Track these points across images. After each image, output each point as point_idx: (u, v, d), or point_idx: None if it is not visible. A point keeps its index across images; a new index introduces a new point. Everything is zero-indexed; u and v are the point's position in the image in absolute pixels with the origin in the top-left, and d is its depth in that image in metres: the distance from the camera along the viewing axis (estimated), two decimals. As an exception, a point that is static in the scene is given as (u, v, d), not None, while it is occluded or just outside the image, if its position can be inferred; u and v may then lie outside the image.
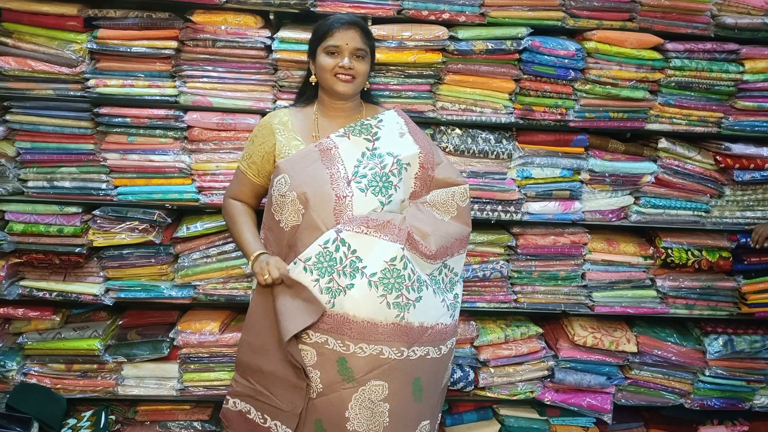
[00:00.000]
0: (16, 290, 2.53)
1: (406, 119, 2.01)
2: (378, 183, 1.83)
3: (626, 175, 2.58)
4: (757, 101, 2.51)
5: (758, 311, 2.71)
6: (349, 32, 1.84)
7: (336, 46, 1.84)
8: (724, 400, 2.80)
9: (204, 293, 2.60)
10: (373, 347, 1.71)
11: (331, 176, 1.81)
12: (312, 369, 1.74)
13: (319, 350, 1.73)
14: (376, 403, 1.73)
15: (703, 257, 2.64)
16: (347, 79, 1.86)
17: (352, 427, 1.73)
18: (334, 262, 1.73)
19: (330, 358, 1.72)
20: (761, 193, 2.63)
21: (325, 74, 1.87)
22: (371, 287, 1.71)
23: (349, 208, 1.77)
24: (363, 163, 1.85)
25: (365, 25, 1.92)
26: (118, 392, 2.66)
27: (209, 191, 2.50)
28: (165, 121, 2.41)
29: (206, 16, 2.33)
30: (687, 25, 2.44)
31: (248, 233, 1.93)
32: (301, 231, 1.79)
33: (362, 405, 1.73)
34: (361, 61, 1.88)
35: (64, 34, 2.33)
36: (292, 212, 1.81)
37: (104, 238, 2.49)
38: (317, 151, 1.85)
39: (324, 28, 1.87)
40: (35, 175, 2.45)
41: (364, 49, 1.88)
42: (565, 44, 2.39)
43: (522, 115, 2.49)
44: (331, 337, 1.72)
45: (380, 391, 1.73)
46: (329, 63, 1.86)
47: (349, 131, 1.89)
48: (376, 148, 1.89)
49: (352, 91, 1.90)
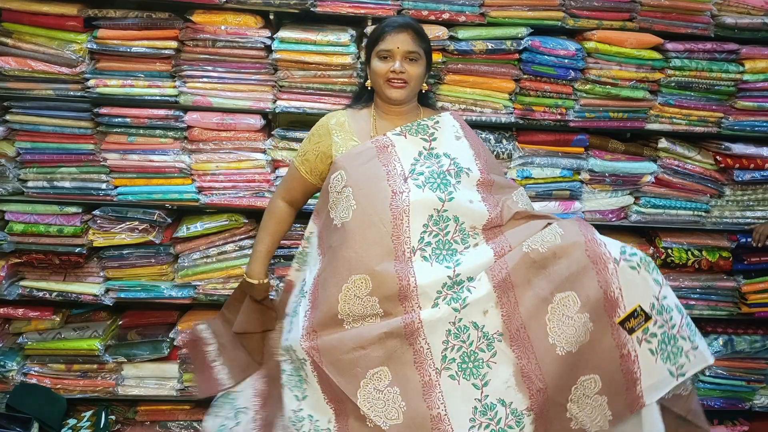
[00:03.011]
0: (16, 290, 2.53)
1: (461, 123, 1.95)
2: (436, 180, 1.78)
3: (626, 175, 2.58)
4: (757, 101, 2.51)
5: (758, 311, 2.71)
6: (401, 35, 1.79)
7: (388, 50, 1.79)
8: (724, 400, 2.80)
9: (204, 293, 2.60)
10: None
11: (387, 173, 1.77)
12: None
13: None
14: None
15: (703, 257, 2.64)
16: (399, 85, 1.81)
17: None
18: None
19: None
20: (761, 193, 2.63)
21: (377, 79, 1.82)
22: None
23: (405, 203, 1.72)
24: (420, 161, 1.81)
25: (419, 27, 1.84)
26: (118, 392, 2.66)
27: (209, 191, 2.50)
28: (165, 121, 2.41)
29: (206, 16, 2.33)
30: (687, 25, 2.44)
31: (262, 245, 1.98)
32: (353, 227, 1.74)
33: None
34: (414, 64, 1.82)
35: (64, 34, 2.33)
36: (345, 208, 1.77)
37: (104, 238, 2.49)
38: (374, 147, 1.81)
39: (377, 33, 1.82)
40: (35, 175, 2.45)
41: (417, 52, 1.81)
42: (565, 44, 2.39)
43: (522, 115, 2.49)
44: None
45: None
46: (381, 68, 1.80)
47: (406, 130, 1.85)
48: (433, 148, 1.84)
49: (404, 96, 1.84)
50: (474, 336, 1.67)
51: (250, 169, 2.49)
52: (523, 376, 1.65)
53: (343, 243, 1.74)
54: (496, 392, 1.66)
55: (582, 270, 1.65)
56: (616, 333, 1.64)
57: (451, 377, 1.67)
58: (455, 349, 1.68)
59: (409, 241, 1.71)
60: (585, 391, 1.66)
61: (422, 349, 1.67)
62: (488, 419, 1.65)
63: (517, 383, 1.65)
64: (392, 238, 1.70)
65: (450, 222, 1.75)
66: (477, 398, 1.66)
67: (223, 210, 2.54)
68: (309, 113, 2.44)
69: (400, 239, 1.71)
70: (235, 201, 2.51)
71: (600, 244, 1.68)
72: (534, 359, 1.66)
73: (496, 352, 1.67)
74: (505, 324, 1.67)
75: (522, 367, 1.65)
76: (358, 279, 1.70)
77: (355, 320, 1.71)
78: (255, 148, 2.48)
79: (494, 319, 1.68)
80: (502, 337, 1.68)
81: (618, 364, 1.65)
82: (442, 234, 1.75)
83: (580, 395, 1.67)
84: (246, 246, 2.57)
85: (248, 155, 2.48)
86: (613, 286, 1.64)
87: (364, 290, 1.70)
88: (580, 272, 1.65)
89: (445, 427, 1.64)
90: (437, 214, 1.74)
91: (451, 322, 1.67)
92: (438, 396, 1.66)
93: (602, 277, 1.63)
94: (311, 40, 2.34)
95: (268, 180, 2.50)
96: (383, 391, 1.67)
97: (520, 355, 1.66)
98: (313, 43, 2.35)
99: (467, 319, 1.67)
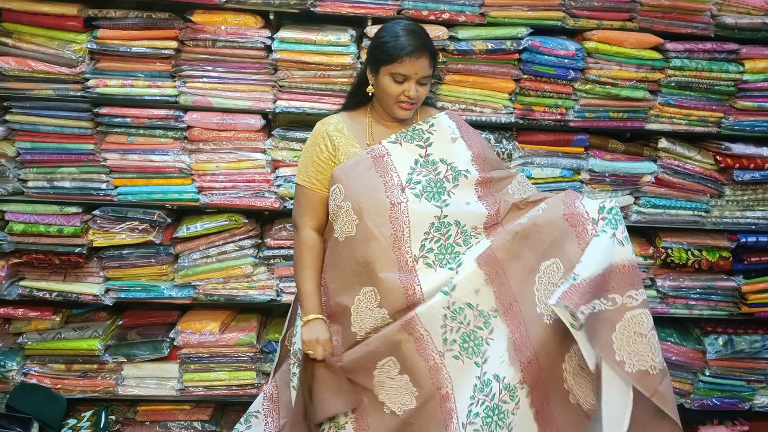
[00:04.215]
0: (16, 290, 2.53)
1: (458, 122, 1.95)
2: (432, 189, 1.79)
3: (626, 175, 2.58)
4: (757, 101, 2.51)
5: (758, 311, 2.70)
6: (420, 61, 1.74)
7: (404, 75, 1.75)
8: (724, 400, 2.80)
9: (204, 293, 2.60)
10: None
11: (384, 184, 1.77)
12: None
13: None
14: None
15: (703, 257, 2.63)
16: (408, 107, 1.81)
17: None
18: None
19: None
20: (761, 193, 2.63)
21: (387, 99, 1.80)
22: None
23: (404, 214, 1.74)
24: (417, 170, 1.82)
25: (433, 47, 1.80)
26: (118, 392, 2.66)
27: (209, 191, 2.50)
28: (165, 121, 2.41)
29: (206, 16, 2.33)
30: (687, 25, 2.44)
31: (310, 282, 1.83)
32: (356, 242, 1.76)
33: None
34: (426, 86, 1.81)
35: (64, 34, 2.33)
36: (346, 222, 1.77)
37: (104, 238, 2.49)
38: (370, 158, 1.81)
39: (393, 53, 1.73)
40: (35, 175, 2.45)
41: (430, 75, 1.80)
42: (565, 44, 2.39)
43: (522, 115, 2.49)
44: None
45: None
46: (394, 90, 1.77)
47: (401, 137, 1.85)
48: (429, 154, 1.85)
49: (410, 115, 1.85)
50: (470, 315, 1.72)
51: (250, 169, 2.49)
52: (515, 349, 1.68)
53: (349, 257, 1.77)
54: (492, 368, 1.70)
55: (563, 235, 1.67)
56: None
57: (455, 357, 1.73)
58: (454, 330, 1.73)
59: (410, 250, 1.74)
60: (580, 362, 1.64)
61: (422, 337, 1.71)
62: (484, 396, 1.68)
63: (509, 357, 1.68)
64: (393, 249, 1.73)
65: (452, 226, 1.79)
66: (477, 376, 1.71)
67: (223, 210, 2.54)
68: (309, 113, 2.44)
69: (401, 250, 1.74)
70: (235, 201, 2.51)
71: (578, 206, 1.69)
72: (525, 330, 1.68)
73: (493, 329, 1.72)
74: (498, 299, 1.71)
75: (515, 340, 1.69)
76: (368, 291, 1.74)
77: (367, 333, 1.76)
78: (255, 148, 2.48)
79: (487, 296, 1.72)
80: (497, 313, 1.72)
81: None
82: (444, 238, 1.78)
83: (576, 366, 1.66)
84: (246, 246, 2.57)
85: (248, 155, 2.48)
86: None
87: (374, 302, 1.74)
88: (562, 238, 1.66)
89: (450, 405, 1.71)
90: (438, 221, 1.77)
91: (446, 306, 1.71)
92: (446, 377, 1.72)
93: (582, 239, 1.64)
94: (311, 40, 2.34)
95: (268, 180, 2.50)
96: (395, 378, 1.73)
97: (513, 328, 1.69)
98: (313, 43, 2.35)
99: (461, 301, 1.71)
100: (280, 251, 2.58)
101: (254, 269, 2.59)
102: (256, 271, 2.60)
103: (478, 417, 1.67)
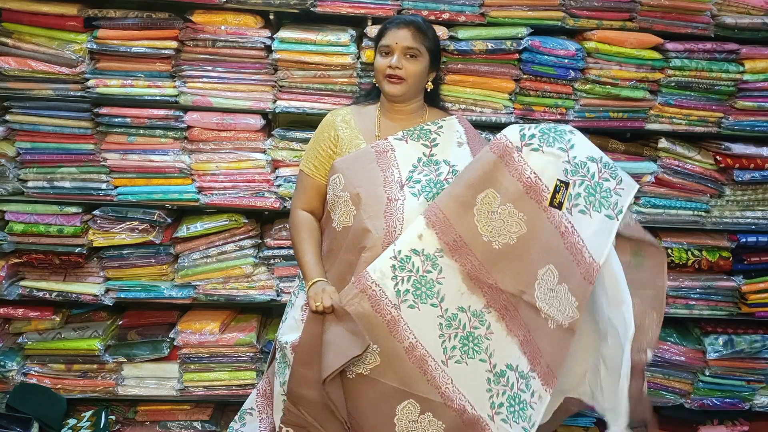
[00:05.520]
0: (16, 290, 2.53)
1: (467, 128, 1.96)
2: (431, 189, 1.80)
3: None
4: (757, 101, 2.51)
5: (758, 311, 2.70)
6: (401, 31, 1.80)
7: (387, 45, 1.82)
8: (724, 400, 2.80)
9: (204, 293, 2.60)
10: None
11: (384, 179, 1.78)
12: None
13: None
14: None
15: (703, 257, 2.64)
16: (396, 81, 1.82)
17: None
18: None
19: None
20: (761, 193, 2.63)
21: (378, 75, 1.85)
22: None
23: (399, 211, 1.75)
24: (419, 168, 1.82)
25: (423, 25, 1.85)
26: (118, 392, 2.66)
27: (209, 191, 2.50)
28: (165, 121, 2.41)
29: (206, 16, 2.33)
30: (687, 25, 2.44)
31: (309, 254, 1.85)
32: (352, 232, 1.77)
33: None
34: (413, 61, 1.82)
35: (64, 34, 2.33)
36: (344, 213, 1.79)
37: (104, 238, 2.49)
38: (374, 152, 1.83)
39: (381, 29, 1.87)
40: (35, 175, 2.45)
41: (417, 48, 1.81)
42: (565, 44, 2.39)
43: (522, 115, 2.49)
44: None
45: None
46: (380, 63, 1.83)
47: (408, 135, 1.86)
48: (433, 154, 1.86)
49: (401, 93, 1.85)
50: (418, 261, 1.71)
51: (250, 169, 2.49)
52: (470, 279, 1.71)
53: (347, 246, 1.78)
54: (454, 302, 1.71)
55: (493, 167, 1.72)
56: (550, 215, 1.70)
57: (410, 307, 1.69)
58: (405, 280, 1.70)
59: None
60: (547, 285, 1.70)
61: (374, 293, 1.68)
62: (454, 330, 1.71)
63: (468, 287, 1.71)
64: (383, 245, 1.73)
65: None
66: (439, 315, 1.71)
67: (223, 210, 2.54)
68: (309, 113, 2.43)
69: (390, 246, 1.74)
70: (235, 201, 2.51)
71: (501, 137, 1.74)
72: (476, 260, 1.71)
73: (441, 268, 1.72)
74: (441, 239, 1.71)
75: (468, 271, 1.71)
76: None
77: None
78: (255, 148, 2.48)
79: (430, 238, 1.71)
80: (442, 252, 1.72)
81: (562, 243, 1.69)
82: None
83: (545, 290, 1.71)
84: (246, 246, 2.57)
85: (248, 155, 2.48)
86: (527, 173, 1.70)
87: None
88: (493, 170, 1.72)
89: (418, 353, 1.68)
90: None
91: (392, 257, 1.69)
92: (404, 328, 1.68)
93: (512, 167, 1.70)
94: (311, 40, 2.34)
95: (268, 180, 2.50)
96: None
97: (462, 261, 1.71)
98: (313, 43, 2.35)
99: (406, 249, 1.70)
100: (280, 251, 2.58)
101: (254, 269, 2.59)
102: (256, 271, 2.60)
103: (455, 350, 1.69)
